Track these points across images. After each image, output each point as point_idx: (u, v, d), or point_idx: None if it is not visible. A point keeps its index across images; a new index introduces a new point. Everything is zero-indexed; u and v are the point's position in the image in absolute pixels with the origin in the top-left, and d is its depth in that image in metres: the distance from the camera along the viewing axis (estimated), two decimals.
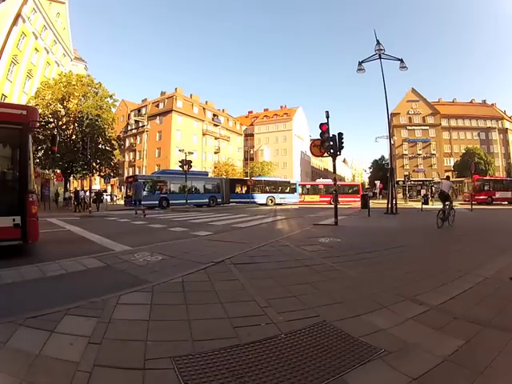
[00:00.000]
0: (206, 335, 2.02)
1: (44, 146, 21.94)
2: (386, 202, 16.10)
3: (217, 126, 55.10)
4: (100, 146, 23.71)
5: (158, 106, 50.05)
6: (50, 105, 22.07)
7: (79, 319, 2.23)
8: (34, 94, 23.03)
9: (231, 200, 27.01)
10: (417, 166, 56.90)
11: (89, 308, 2.42)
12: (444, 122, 57.64)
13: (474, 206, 18.91)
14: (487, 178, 32.59)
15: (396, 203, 14.39)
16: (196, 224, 10.41)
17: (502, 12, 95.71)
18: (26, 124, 5.03)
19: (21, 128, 4.98)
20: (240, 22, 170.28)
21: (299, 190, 31.88)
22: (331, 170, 10.58)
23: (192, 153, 28.31)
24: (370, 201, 16.76)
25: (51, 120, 21.95)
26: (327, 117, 9.14)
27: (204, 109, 53.77)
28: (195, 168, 38.23)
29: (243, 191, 28.03)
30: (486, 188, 28.66)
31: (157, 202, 21.32)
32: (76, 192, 20.82)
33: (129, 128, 51.83)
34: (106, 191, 34.03)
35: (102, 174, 24.69)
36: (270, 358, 1.74)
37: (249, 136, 66.29)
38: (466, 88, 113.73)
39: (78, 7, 75.55)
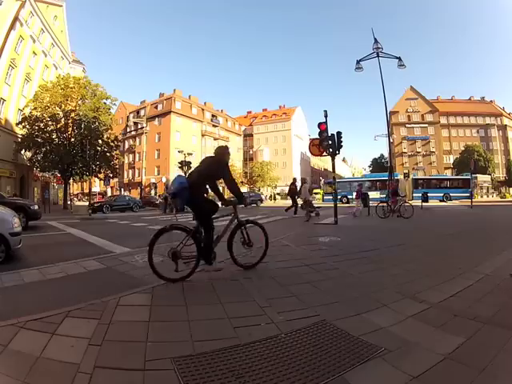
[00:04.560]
0: (206, 335, 2.02)
1: (43, 149, 21.95)
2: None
3: (216, 126, 55.09)
4: (99, 148, 23.70)
5: (156, 107, 50.05)
6: (49, 108, 22.07)
7: (80, 321, 2.23)
8: (32, 97, 23.03)
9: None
10: (416, 163, 56.92)
11: (89, 310, 2.42)
12: (443, 120, 57.68)
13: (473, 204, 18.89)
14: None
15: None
16: None
17: (500, 9, 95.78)
18: None
19: None
20: (238, 22, 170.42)
21: None
22: (331, 169, 10.59)
23: (191, 154, 28.31)
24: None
25: (50, 123, 21.97)
26: (326, 116, 9.14)
27: (203, 110, 53.76)
28: None
29: None
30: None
31: None
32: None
33: (128, 130, 51.82)
34: (105, 193, 34.07)
35: (101, 175, 24.68)
36: (270, 358, 1.74)
37: (248, 136, 66.27)
38: (465, 85, 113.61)
39: (75, 10, 75.71)
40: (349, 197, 30.60)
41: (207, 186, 3.80)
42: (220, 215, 3.76)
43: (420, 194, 19.55)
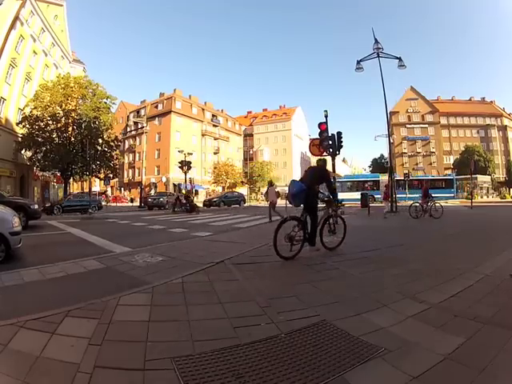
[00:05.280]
0: (206, 335, 2.02)
1: (43, 149, 21.96)
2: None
3: (216, 126, 55.12)
4: (99, 148, 23.69)
5: (156, 107, 50.07)
6: (49, 107, 22.08)
7: (80, 321, 2.23)
8: (32, 97, 23.03)
9: None
10: (416, 164, 56.95)
11: (89, 309, 2.42)
12: (443, 120, 57.71)
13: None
14: None
15: (396, 202, 14.39)
16: (196, 225, 10.41)
17: (500, 9, 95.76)
18: None
19: None
20: (238, 23, 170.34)
21: None
22: (331, 169, 10.58)
23: (191, 153, 28.34)
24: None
25: (50, 122, 21.98)
26: (326, 116, 9.15)
27: (203, 109, 53.79)
28: (195, 169, 38.25)
29: None
30: None
31: None
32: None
33: (128, 129, 51.83)
34: (105, 193, 34.08)
35: (101, 175, 24.68)
36: (270, 358, 1.74)
37: (248, 136, 66.30)
38: (465, 86, 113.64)
39: (76, 9, 75.73)
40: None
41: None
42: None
43: (401, 196, 19.42)
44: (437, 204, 11.38)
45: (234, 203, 25.94)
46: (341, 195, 29.46)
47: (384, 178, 31.36)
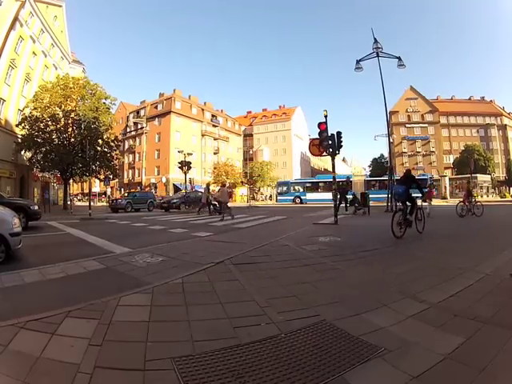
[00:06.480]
0: (206, 336, 2.02)
1: (43, 149, 21.94)
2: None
3: (216, 126, 55.08)
4: (99, 148, 23.64)
5: (156, 107, 50.02)
6: (49, 108, 22.04)
7: (80, 321, 2.23)
8: (32, 98, 23.02)
9: None
10: (416, 163, 56.91)
11: (89, 310, 2.42)
12: (443, 120, 57.73)
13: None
14: None
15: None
16: (196, 225, 10.41)
17: (499, 7, 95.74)
18: None
19: None
20: (237, 22, 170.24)
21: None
22: (331, 169, 10.61)
23: (191, 154, 28.31)
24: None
25: (50, 123, 21.97)
26: (326, 116, 9.14)
27: (203, 110, 53.74)
28: (195, 169, 38.25)
29: None
30: None
31: None
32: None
33: (128, 130, 51.83)
34: (105, 193, 34.05)
35: (101, 176, 24.66)
36: (270, 358, 1.74)
37: (248, 136, 66.26)
38: (465, 85, 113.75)
39: (75, 10, 75.75)
40: (302, 197, 31.62)
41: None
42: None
43: (373, 196, 18.99)
44: (478, 203, 11.63)
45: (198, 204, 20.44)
46: (313, 196, 30.16)
47: (356, 178, 31.78)
